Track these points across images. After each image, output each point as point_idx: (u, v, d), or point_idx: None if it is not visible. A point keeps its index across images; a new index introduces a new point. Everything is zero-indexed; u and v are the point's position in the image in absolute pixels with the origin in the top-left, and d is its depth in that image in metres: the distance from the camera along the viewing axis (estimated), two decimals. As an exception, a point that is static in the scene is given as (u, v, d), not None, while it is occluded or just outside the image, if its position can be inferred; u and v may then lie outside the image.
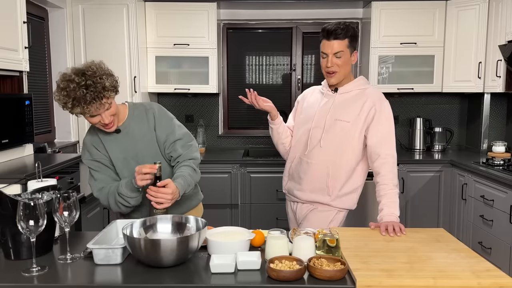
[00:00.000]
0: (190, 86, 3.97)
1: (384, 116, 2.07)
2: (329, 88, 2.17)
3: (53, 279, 1.35)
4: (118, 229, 1.66)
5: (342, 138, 2.08)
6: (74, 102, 1.68)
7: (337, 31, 2.02)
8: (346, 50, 2.05)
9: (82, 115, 1.75)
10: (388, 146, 2.04)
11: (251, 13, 4.27)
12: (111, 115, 1.78)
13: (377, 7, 3.88)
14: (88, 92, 1.67)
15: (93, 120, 1.77)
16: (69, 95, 1.68)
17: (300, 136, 2.21)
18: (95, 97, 1.68)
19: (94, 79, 1.69)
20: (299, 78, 4.39)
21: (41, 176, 1.74)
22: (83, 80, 1.68)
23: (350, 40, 2.05)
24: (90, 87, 1.68)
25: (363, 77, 2.20)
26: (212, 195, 3.74)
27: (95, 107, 1.70)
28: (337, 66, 2.06)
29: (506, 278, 1.33)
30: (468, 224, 3.46)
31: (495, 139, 3.91)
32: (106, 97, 1.72)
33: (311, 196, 2.16)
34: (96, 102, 1.69)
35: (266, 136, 4.42)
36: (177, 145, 1.90)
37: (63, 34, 3.67)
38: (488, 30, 3.66)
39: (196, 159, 1.92)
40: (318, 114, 2.14)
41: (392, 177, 1.99)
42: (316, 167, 2.13)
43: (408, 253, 1.53)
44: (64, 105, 1.72)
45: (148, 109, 1.93)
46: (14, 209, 1.39)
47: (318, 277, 1.33)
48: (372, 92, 2.12)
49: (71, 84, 1.68)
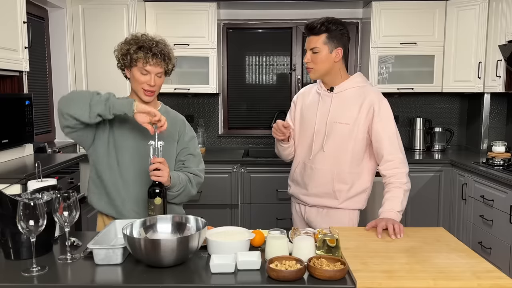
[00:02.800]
0: (190, 86, 3.97)
1: (384, 115, 2.02)
2: (325, 87, 2.12)
3: (53, 279, 1.35)
4: (117, 229, 1.66)
5: (344, 141, 2.05)
6: (140, 49, 1.77)
7: (314, 26, 2.00)
8: (322, 46, 2.00)
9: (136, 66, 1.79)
10: (390, 146, 2.00)
11: (251, 13, 4.27)
12: (158, 84, 1.84)
13: (377, 7, 3.88)
14: (156, 47, 1.79)
15: (143, 78, 1.81)
16: (137, 43, 1.79)
17: (303, 141, 2.17)
18: (161, 53, 1.79)
19: (166, 46, 1.85)
20: (299, 78, 4.40)
21: (41, 176, 1.74)
22: (157, 40, 1.83)
23: (328, 35, 1.99)
24: (160, 44, 1.81)
25: (359, 74, 2.15)
26: (212, 195, 3.75)
27: (155, 62, 1.79)
28: (313, 63, 2.03)
29: (506, 279, 1.33)
30: (468, 224, 3.46)
31: (495, 139, 3.91)
32: (166, 64, 1.83)
33: (319, 201, 2.12)
34: (158, 57, 1.78)
35: (266, 136, 4.42)
36: (191, 159, 1.96)
37: (63, 34, 3.67)
38: (488, 30, 3.66)
39: (199, 176, 1.95)
40: (319, 118, 2.10)
41: (399, 176, 1.96)
42: (320, 172, 2.09)
43: (408, 254, 1.53)
44: (126, 52, 1.79)
45: (180, 116, 2.01)
46: (14, 209, 1.39)
47: (318, 277, 1.33)
48: (370, 92, 2.06)
49: (143, 37, 1.82)
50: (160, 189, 1.73)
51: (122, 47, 1.83)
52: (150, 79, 1.81)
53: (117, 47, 1.85)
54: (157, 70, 1.81)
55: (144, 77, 1.81)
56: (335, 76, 2.08)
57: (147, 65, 1.79)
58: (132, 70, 1.82)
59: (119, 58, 1.84)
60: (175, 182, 1.81)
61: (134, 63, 1.80)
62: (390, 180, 1.97)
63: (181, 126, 1.97)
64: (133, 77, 1.83)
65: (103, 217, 1.96)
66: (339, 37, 2.02)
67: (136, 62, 1.79)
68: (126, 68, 1.85)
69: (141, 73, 1.81)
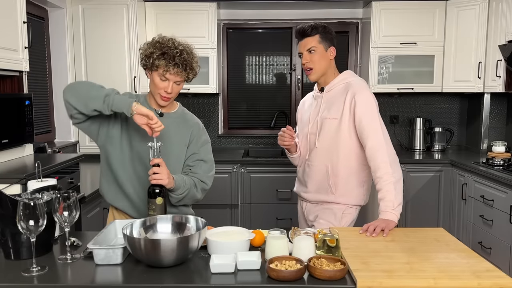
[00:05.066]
0: (190, 86, 3.96)
1: (364, 105, 2.02)
2: (317, 89, 2.20)
3: (53, 279, 1.35)
4: (117, 229, 1.66)
5: (334, 136, 2.08)
6: (163, 55, 1.76)
7: (306, 29, 2.09)
8: (318, 45, 2.08)
9: (157, 71, 1.78)
10: (372, 136, 1.99)
11: (251, 13, 4.27)
12: (175, 92, 1.84)
13: (377, 7, 3.88)
14: (180, 56, 1.77)
15: (161, 84, 1.81)
16: (161, 48, 1.77)
17: (302, 142, 2.24)
18: (183, 63, 1.78)
19: (190, 55, 1.82)
20: (299, 78, 4.40)
21: (41, 176, 1.74)
22: (182, 48, 1.80)
23: (321, 35, 2.08)
24: (183, 54, 1.79)
25: (349, 71, 2.18)
26: (212, 195, 3.74)
27: (175, 71, 1.78)
28: (312, 62, 2.09)
29: (506, 278, 1.33)
30: (468, 224, 3.46)
31: (495, 139, 3.91)
32: (186, 74, 1.81)
33: (317, 196, 2.17)
34: (179, 67, 1.78)
35: (266, 136, 4.42)
36: (201, 165, 1.92)
37: (63, 34, 3.67)
38: (488, 30, 3.66)
39: (205, 183, 1.92)
40: (311, 117, 2.18)
41: (383, 167, 1.94)
42: (316, 169, 2.15)
43: (408, 253, 1.53)
44: (149, 55, 1.78)
45: (195, 120, 1.99)
46: (14, 209, 1.39)
47: (318, 277, 1.33)
48: (353, 83, 2.09)
49: (170, 42, 1.79)
50: (160, 189, 1.73)
51: (146, 49, 1.81)
52: (168, 86, 1.80)
53: (142, 46, 1.84)
54: (176, 79, 1.80)
55: (163, 83, 1.81)
56: (329, 75, 2.15)
57: (167, 73, 1.78)
58: (152, 74, 1.82)
59: (142, 57, 1.83)
60: (179, 185, 1.78)
61: (155, 68, 1.79)
62: (377, 173, 1.96)
63: (195, 130, 1.94)
64: (152, 80, 1.83)
65: (113, 211, 1.97)
66: (330, 37, 2.12)
67: (157, 67, 1.79)
68: (147, 69, 1.84)
69: (160, 79, 1.80)
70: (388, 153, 1.98)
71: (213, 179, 1.97)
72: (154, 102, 1.90)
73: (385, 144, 1.99)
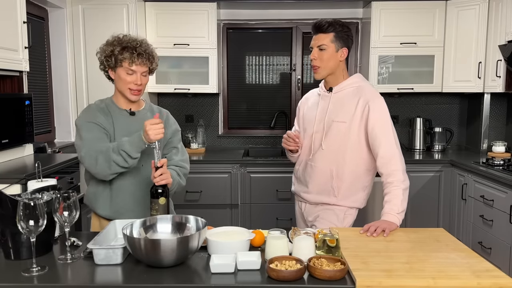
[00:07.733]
0: (190, 86, 3.97)
1: (379, 113, 2.02)
2: (325, 88, 2.16)
3: (53, 279, 1.35)
4: (117, 229, 1.66)
5: (341, 139, 2.07)
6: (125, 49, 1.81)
7: (322, 25, 2.06)
8: (330, 44, 2.05)
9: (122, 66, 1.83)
10: (386, 144, 2.00)
11: (251, 13, 4.27)
12: (144, 83, 1.89)
13: (377, 7, 3.88)
14: (140, 47, 1.84)
15: (129, 78, 1.84)
16: (121, 43, 1.82)
17: (304, 141, 2.21)
18: (145, 52, 1.84)
19: (148, 45, 1.89)
20: (299, 78, 4.40)
21: (41, 176, 1.74)
22: (140, 39, 1.88)
23: (336, 35, 2.05)
24: (143, 44, 1.86)
25: (359, 75, 2.17)
26: (212, 195, 3.75)
27: (140, 61, 1.83)
28: (320, 60, 2.06)
29: (506, 278, 1.33)
30: (468, 224, 3.46)
31: (495, 139, 3.91)
32: (150, 63, 1.87)
33: (318, 198, 2.15)
34: (143, 57, 1.83)
35: (266, 136, 4.42)
36: (175, 151, 2.01)
37: (63, 34, 3.67)
38: (488, 30, 3.66)
39: (184, 168, 2.00)
40: (318, 117, 2.14)
41: (395, 174, 1.96)
42: (320, 170, 2.12)
43: (408, 253, 1.54)
44: (110, 53, 1.82)
45: (163, 111, 2.06)
46: (14, 209, 1.39)
47: (318, 277, 1.34)
48: (365, 90, 2.07)
49: (126, 37, 1.86)
50: (163, 188, 1.74)
51: (105, 49, 1.86)
52: (136, 78, 1.85)
53: (99, 50, 1.88)
54: (142, 69, 1.86)
55: (130, 77, 1.85)
56: (338, 76, 2.11)
57: (133, 65, 1.83)
58: (117, 71, 1.86)
59: (102, 60, 1.87)
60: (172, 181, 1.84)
61: (119, 63, 1.83)
62: (388, 179, 1.97)
63: (165, 121, 2.00)
64: (119, 77, 1.86)
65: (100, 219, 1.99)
66: (345, 38, 2.07)
67: (121, 62, 1.83)
68: (110, 69, 1.88)
69: (126, 73, 1.84)
70: (401, 161, 2.00)
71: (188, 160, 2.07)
72: (123, 101, 1.93)
73: (398, 153, 2.01)
